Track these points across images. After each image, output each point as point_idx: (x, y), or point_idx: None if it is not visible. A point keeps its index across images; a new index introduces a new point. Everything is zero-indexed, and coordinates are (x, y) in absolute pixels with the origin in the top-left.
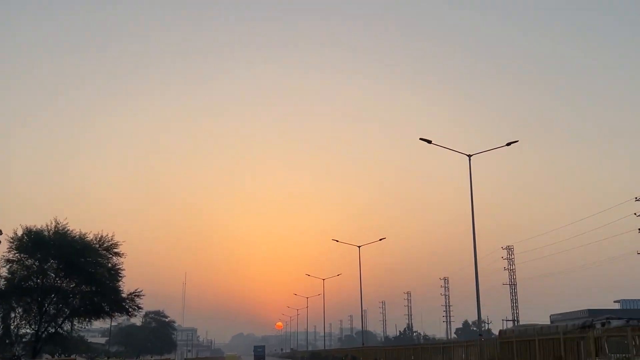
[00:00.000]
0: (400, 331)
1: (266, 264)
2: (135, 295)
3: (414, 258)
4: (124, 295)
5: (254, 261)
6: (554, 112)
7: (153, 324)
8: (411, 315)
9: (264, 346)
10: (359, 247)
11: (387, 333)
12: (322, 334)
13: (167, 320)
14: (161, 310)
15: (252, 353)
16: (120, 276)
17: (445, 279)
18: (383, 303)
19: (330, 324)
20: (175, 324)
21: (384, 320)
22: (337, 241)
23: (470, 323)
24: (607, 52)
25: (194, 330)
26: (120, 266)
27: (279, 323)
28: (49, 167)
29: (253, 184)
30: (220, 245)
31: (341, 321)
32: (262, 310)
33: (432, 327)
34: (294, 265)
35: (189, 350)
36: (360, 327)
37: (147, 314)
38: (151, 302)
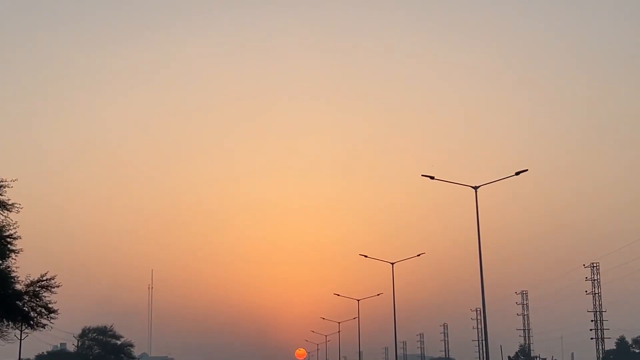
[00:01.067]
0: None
1: (281, 276)
2: (42, 287)
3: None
4: (19, 285)
5: (263, 270)
6: None
7: (96, 349)
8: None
9: None
10: (392, 264)
11: None
12: None
13: (119, 343)
14: (109, 326)
15: None
16: (11, 249)
17: (524, 294)
18: (445, 326)
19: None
20: (133, 351)
21: (446, 345)
22: (366, 256)
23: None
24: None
25: None
26: (11, 227)
27: (301, 350)
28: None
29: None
30: (213, 245)
31: (386, 349)
32: (275, 335)
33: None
34: (317, 282)
35: None
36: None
37: (85, 333)
38: (99, 316)
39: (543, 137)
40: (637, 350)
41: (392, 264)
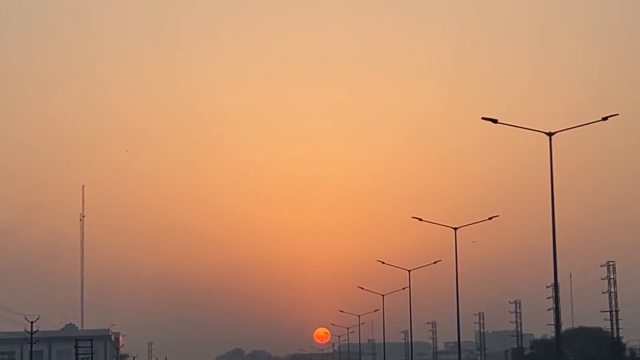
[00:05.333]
0: None
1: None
2: None
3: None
4: None
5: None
6: None
7: None
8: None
9: None
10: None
11: None
12: None
13: None
14: None
15: None
16: None
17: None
18: (480, 314)
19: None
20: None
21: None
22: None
23: None
24: None
25: (104, 338)
26: None
27: (322, 330)
28: None
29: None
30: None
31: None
32: (282, 316)
33: None
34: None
35: None
36: None
37: None
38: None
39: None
40: None
41: (455, 229)
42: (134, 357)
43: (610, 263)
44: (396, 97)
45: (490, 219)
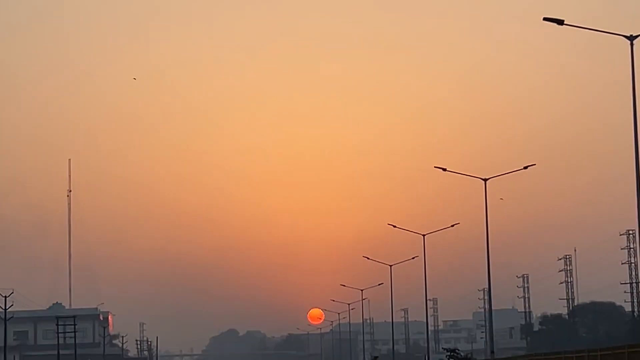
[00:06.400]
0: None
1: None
2: None
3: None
4: None
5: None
6: None
7: None
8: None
9: None
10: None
11: None
12: None
13: None
14: None
15: None
16: None
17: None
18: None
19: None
20: None
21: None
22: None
23: None
24: None
25: (92, 318)
26: None
27: (316, 311)
28: None
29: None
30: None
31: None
32: (277, 297)
33: None
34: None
35: None
36: None
37: None
38: None
39: None
40: None
41: (485, 180)
42: (123, 337)
43: (630, 232)
44: (397, 73)
45: (525, 168)
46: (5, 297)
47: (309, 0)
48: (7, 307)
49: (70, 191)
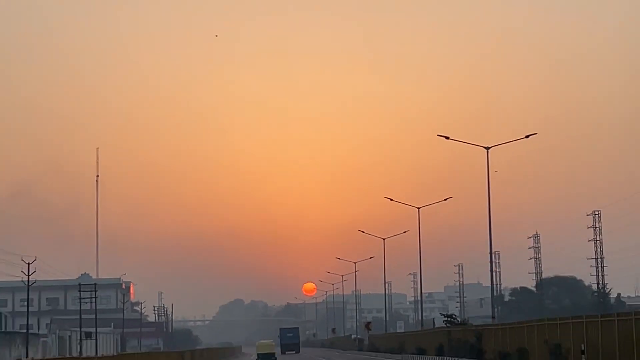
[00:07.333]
0: None
1: (289, 200)
2: None
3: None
4: None
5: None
6: None
7: None
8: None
9: (297, 329)
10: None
11: None
12: None
13: None
14: None
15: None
16: None
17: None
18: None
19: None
20: None
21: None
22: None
23: None
24: None
25: (116, 286)
26: None
27: (309, 285)
28: None
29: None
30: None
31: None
32: (278, 265)
33: None
34: (331, 217)
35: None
36: None
37: None
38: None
39: None
40: None
41: (487, 148)
42: (142, 304)
43: (596, 212)
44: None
45: (527, 137)
46: (29, 263)
47: None
48: (30, 273)
49: (98, 176)
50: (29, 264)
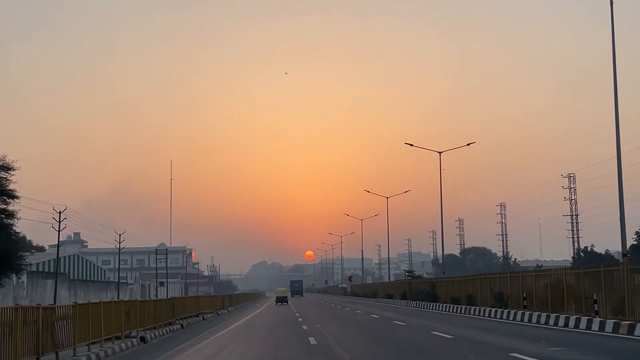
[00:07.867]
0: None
1: (304, 174)
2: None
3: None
4: None
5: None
6: None
7: None
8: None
9: (301, 281)
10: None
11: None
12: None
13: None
14: None
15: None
16: None
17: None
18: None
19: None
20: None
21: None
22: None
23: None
24: None
25: (182, 252)
26: None
27: (309, 252)
28: None
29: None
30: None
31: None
32: (289, 237)
33: None
34: (339, 178)
35: (160, 284)
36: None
37: None
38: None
39: None
40: None
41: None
42: (199, 263)
43: (571, 175)
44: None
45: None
46: (120, 234)
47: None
48: (121, 241)
49: (172, 180)
50: (120, 234)
